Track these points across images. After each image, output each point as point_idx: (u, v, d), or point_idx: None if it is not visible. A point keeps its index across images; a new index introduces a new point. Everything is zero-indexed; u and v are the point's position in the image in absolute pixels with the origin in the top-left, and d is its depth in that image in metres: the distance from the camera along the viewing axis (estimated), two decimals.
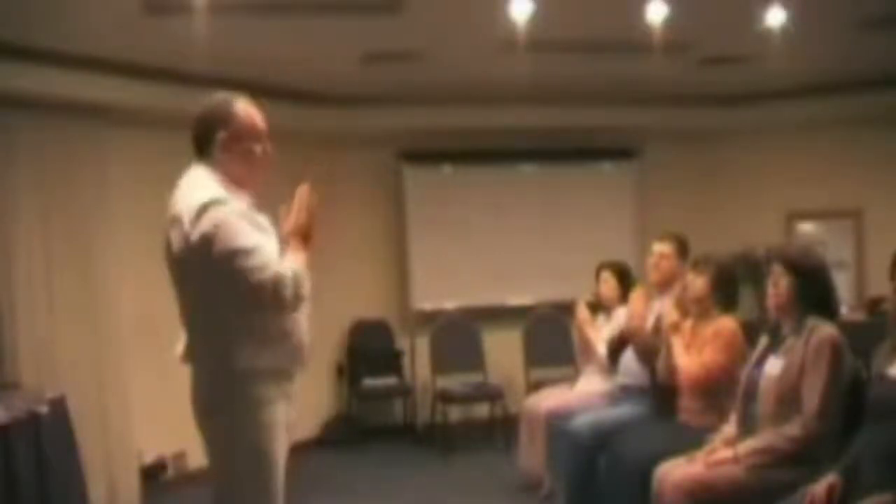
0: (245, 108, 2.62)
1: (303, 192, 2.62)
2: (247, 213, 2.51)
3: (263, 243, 2.48)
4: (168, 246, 2.53)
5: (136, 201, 5.19)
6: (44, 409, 4.04)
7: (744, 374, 3.36)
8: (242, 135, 2.59)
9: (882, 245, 3.95)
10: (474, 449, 6.30)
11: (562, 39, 4.96)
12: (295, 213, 2.60)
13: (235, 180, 2.58)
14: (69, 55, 4.63)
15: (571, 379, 5.38)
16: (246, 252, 2.42)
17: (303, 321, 2.62)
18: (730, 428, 3.35)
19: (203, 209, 2.43)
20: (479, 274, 6.91)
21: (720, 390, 3.65)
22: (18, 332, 4.65)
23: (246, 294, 2.44)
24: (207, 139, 2.59)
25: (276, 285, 2.42)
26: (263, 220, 2.57)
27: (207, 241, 2.42)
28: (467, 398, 6.53)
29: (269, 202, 2.67)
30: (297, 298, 2.49)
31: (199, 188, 2.51)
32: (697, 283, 3.89)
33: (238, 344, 2.49)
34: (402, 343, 6.85)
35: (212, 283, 2.46)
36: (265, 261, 2.44)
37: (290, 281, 2.45)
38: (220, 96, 2.65)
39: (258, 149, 2.62)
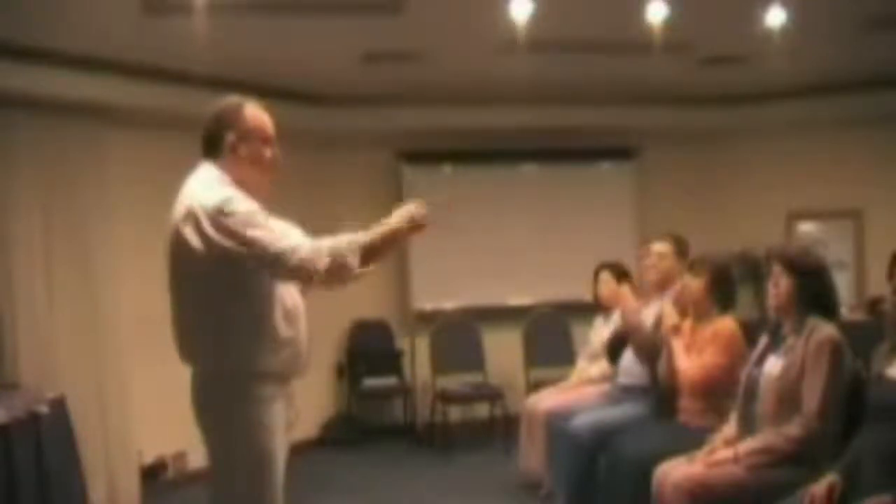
0: (254, 112, 2.63)
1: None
2: (257, 209, 2.51)
3: (282, 231, 2.48)
4: (177, 242, 2.50)
5: (136, 201, 5.20)
6: (44, 409, 4.04)
7: (744, 373, 3.36)
8: (251, 137, 2.60)
9: (882, 245, 3.96)
10: (474, 449, 6.30)
11: (562, 39, 4.96)
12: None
13: (242, 183, 2.58)
14: (69, 55, 4.64)
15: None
16: (269, 242, 2.41)
17: (304, 328, 2.63)
18: (730, 428, 3.35)
19: (221, 206, 2.43)
20: (479, 274, 6.90)
21: (720, 391, 3.65)
22: (18, 332, 4.65)
23: (274, 271, 2.43)
24: (216, 140, 2.59)
25: (309, 260, 2.39)
26: None
27: (226, 234, 2.41)
28: (467, 398, 6.53)
29: (269, 202, 2.67)
30: (342, 267, 2.43)
31: (212, 186, 2.51)
32: (694, 284, 3.90)
33: (241, 347, 2.50)
34: (402, 343, 6.85)
35: (222, 284, 2.45)
36: (292, 244, 2.42)
37: (325, 249, 2.41)
38: (230, 98, 2.66)
39: (267, 152, 2.63)
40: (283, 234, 2.48)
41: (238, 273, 2.46)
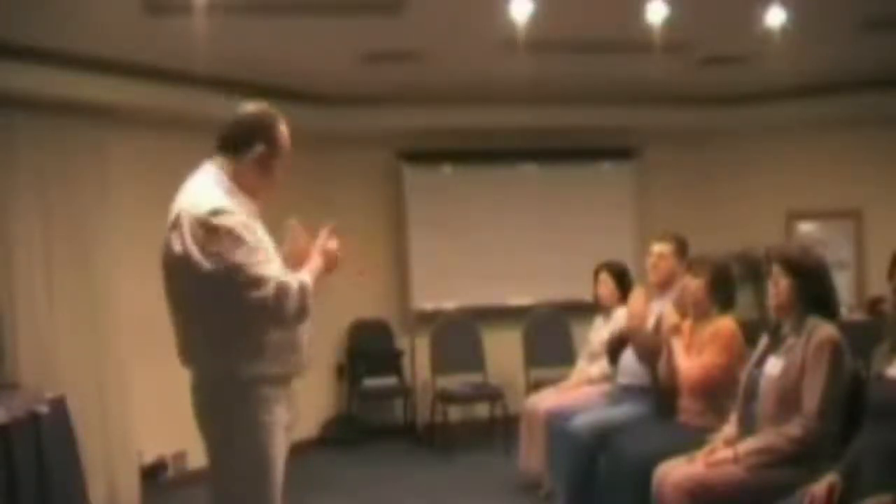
0: (285, 129, 2.67)
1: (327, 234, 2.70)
2: (248, 224, 2.51)
3: (264, 258, 2.49)
4: (168, 247, 2.52)
5: (136, 201, 5.20)
6: (44, 409, 4.05)
7: (744, 374, 3.36)
8: (277, 154, 2.63)
9: (882, 245, 3.95)
10: (474, 449, 6.30)
11: (562, 39, 4.96)
12: (323, 246, 2.66)
13: (248, 188, 2.59)
14: (69, 55, 4.63)
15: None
16: (247, 266, 2.43)
17: (306, 329, 2.63)
18: (730, 428, 3.35)
19: (206, 218, 2.43)
20: (479, 274, 6.91)
21: (720, 391, 3.65)
22: (18, 332, 4.65)
23: (247, 308, 2.44)
24: (242, 144, 2.60)
25: (278, 298, 2.43)
26: (261, 229, 2.58)
27: (208, 251, 2.42)
28: (467, 398, 6.53)
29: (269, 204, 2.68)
30: (302, 311, 2.51)
31: (204, 194, 2.51)
32: (694, 284, 3.90)
33: (240, 351, 2.50)
34: (402, 343, 6.85)
35: (213, 291, 2.45)
36: (267, 274, 2.44)
37: (294, 293, 2.46)
38: (265, 108, 2.67)
39: (280, 165, 2.66)
40: (266, 260, 2.49)
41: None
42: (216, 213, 2.45)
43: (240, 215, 2.49)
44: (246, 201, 2.57)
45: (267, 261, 2.49)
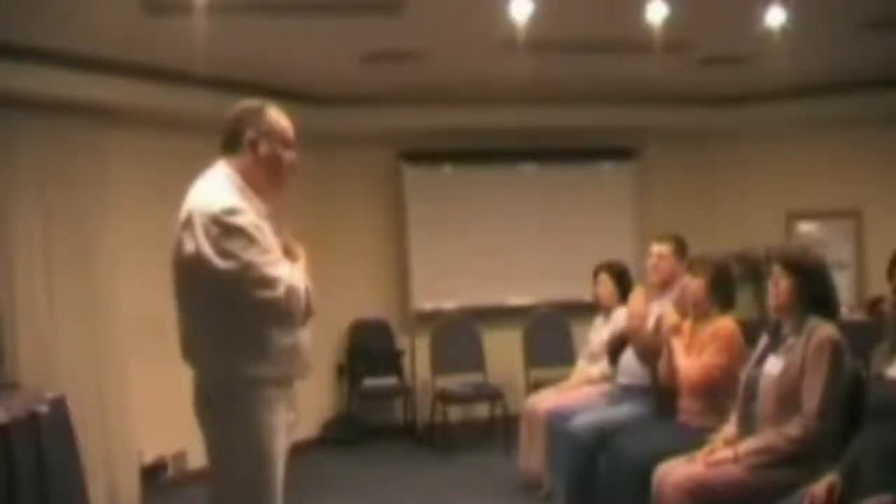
0: (276, 114, 2.66)
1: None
2: (258, 224, 2.51)
3: (274, 258, 2.50)
4: (179, 247, 2.51)
5: (136, 201, 5.20)
6: (44, 409, 4.04)
7: (744, 373, 3.36)
8: (271, 137, 2.62)
9: (882, 245, 3.95)
10: (474, 449, 6.30)
11: (562, 39, 4.96)
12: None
13: (256, 185, 2.59)
14: (69, 55, 4.63)
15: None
16: (259, 265, 2.43)
17: (306, 332, 2.64)
18: (730, 428, 3.35)
19: (220, 216, 2.44)
20: (479, 274, 6.91)
21: (720, 391, 3.66)
22: (18, 332, 4.65)
23: (254, 307, 2.45)
24: (235, 137, 2.60)
25: (287, 299, 2.45)
26: (269, 230, 2.57)
27: (222, 249, 2.42)
28: (467, 398, 6.53)
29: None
30: (308, 313, 2.54)
31: (215, 193, 2.51)
32: (694, 284, 3.90)
33: (243, 352, 2.51)
34: (402, 343, 6.85)
35: (223, 290, 2.45)
36: (278, 275, 2.45)
37: (302, 295, 2.49)
38: (251, 100, 2.69)
39: (287, 155, 2.64)
40: (277, 261, 2.50)
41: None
42: (229, 212, 2.45)
43: (250, 215, 2.50)
44: (256, 202, 2.57)
45: (276, 262, 2.49)
